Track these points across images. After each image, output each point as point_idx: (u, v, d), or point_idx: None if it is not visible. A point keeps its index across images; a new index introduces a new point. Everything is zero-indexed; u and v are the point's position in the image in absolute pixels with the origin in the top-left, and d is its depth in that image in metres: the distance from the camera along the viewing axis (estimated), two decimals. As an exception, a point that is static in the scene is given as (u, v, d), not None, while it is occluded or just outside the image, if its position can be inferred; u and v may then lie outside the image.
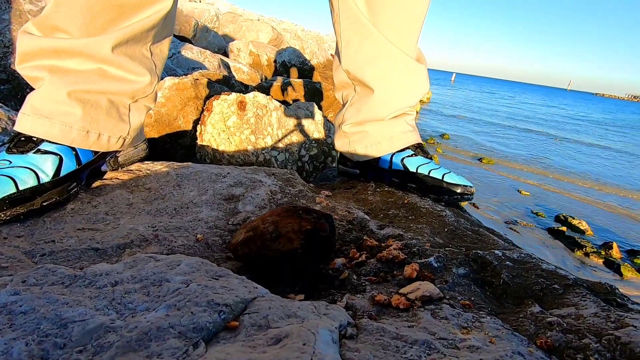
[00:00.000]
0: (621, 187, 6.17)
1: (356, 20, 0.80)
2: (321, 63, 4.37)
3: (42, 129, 0.64)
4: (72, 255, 0.50)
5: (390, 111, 0.87)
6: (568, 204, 5.02)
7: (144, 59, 0.72)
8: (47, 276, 0.38)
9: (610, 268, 3.47)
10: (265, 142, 1.58)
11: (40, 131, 0.64)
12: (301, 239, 0.48)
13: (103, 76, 0.67)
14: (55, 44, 0.63)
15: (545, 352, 0.37)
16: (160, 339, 0.30)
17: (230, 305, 0.35)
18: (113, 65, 0.67)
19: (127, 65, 0.69)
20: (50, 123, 0.64)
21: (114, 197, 0.68)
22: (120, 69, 0.68)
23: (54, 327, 0.30)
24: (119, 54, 0.67)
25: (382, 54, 0.82)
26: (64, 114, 0.65)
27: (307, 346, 0.30)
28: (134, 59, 0.70)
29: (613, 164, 8.03)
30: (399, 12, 0.79)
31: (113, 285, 0.37)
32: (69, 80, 0.65)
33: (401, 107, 0.87)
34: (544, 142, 9.55)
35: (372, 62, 0.84)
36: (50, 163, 0.63)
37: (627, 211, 5.05)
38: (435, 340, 0.36)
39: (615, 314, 0.42)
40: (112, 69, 0.68)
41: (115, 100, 0.71)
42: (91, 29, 0.64)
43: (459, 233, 0.67)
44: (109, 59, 0.66)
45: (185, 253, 0.54)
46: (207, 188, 0.75)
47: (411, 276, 0.50)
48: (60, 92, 0.64)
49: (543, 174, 6.41)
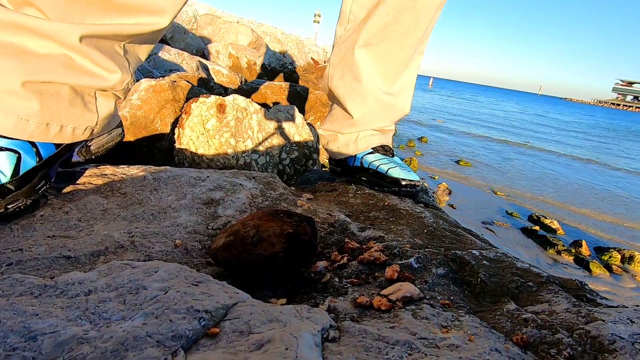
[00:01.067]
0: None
1: (343, 47, 0.84)
2: (301, 66, 4.38)
3: (4, 124, 0.56)
4: (42, 264, 0.48)
5: (364, 129, 0.97)
6: (541, 204, 5.22)
7: (116, 55, 0.65)
8: (15, 286, 0.36)
9: (580, 265, 3.63)
10: (246, 145, 1.57)
11: (5, 129, 0.57)
12: (283, 242, 0.47)
13: (68, 66, 0.60)
14: (23, 20, 0.55)
15: (521, 348, 0.38)
16: (137, 349, 0.29)
17: (210, 311, 0.34)
18: (80, 55, 0.60)
19: (96, 58, 0.61)
20: (4, 116, 0.57)
21: (87, 202, 0.65)
22: (88, 60, 0.61)
23: (22, 340, 0.29)
24: (88, 45, 0.60)
25: (364, 93, 0.91)
26: (18, 107, 0.57)
27: (290, 350, 0.29)
28: (105, 54, 0.63)
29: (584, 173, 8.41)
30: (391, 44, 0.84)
31: (86, 295, 0.36)
32: (26, 67, 0.57)
33: (376, 127, 0.98)
34: (515, 147, 9.91)
35: (352, 95, 0.93)
36: (7, 161, 0.56)
37: (595, 212, 5.30)
38: (416, 340, 0.36)
39: (585, 309, 0.44)
40: (80, 59, 0.60)
41: (78, 89, 0.63)
42: (67, 15, 0.57)
43: (438, 234, 0.69)
44: (77, 47, 0.59)
45: (164, 259, 0.53)
46: (185, 192, 0.73)
47: (392, 277, 0.50)
48: (14, 81, 0.56)
49: (517, 174, 6.64)
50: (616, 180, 7.48)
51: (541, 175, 6.91)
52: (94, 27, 0.59)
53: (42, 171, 0.61)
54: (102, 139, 0.74)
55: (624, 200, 6.14)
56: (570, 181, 6.84)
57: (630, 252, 3.81)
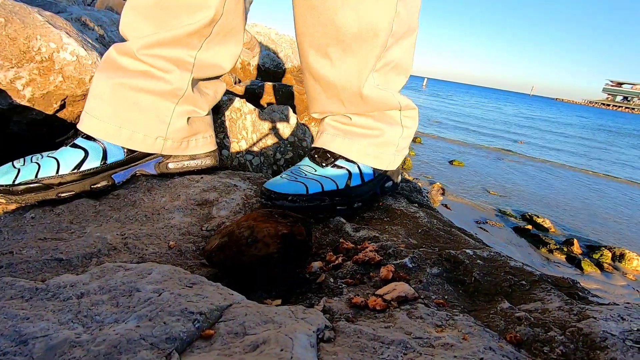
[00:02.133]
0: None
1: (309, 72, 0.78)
2: (295, 67, 4.38)
3: (83, 122, 0.69)
4: (33, 267, 0.47)
5: None
6: (533, 202, 5.28)
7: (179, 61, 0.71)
8: (5, 290, 0.35)
9: (572, 263, 3.67)
10: (240, 145, 1.56)
11: (82, 125, 0.69)
12: (278, 243, 0.47)
13: (144, 75, 0.69)
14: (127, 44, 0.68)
15: (514, 347, 0.38)
16: (130, 352, 0.28)
17: (205, 313, 0.34)
18: (148, 65, 0.69)
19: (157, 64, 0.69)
20: (88, 117, 0.69)
21: (79, 204, 0.65)
22: (155, 69, 0.69)
23: (12, 345, 0.28)
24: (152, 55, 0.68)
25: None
26: (97, 108, 0.68)
27: (285, 351, 0.29)
28: (167, 60, 0.70)
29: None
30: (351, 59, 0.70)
31: (79, 297, 0.35)
32: (115, 75, 0.68)
33: None
34: (508, 143, 10.00)
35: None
36: (74, 156, 0.67)
37: (587, 211, 5.36)
38: (411, 340, 0.36)
39: (577, 306, 0.44)
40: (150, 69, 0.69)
41: (156, 101, 0.71)
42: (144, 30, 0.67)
43: (432, 234, 0.69)
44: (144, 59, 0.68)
45: (157, 261, 0.52)
46: (179, 193, 0.73)
47: (387, 277, 0.50)
48: (105, 87, 0.69)
49: (509, 173, 6.70)
50: (608, 183, 7.58)
51: (533, 175, 6.98)
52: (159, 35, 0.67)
53: (105, 173, 0.70)
54: (184, 160, 0.79)
55: (617, 199, 6.23)
56: (564, 180, 6.92)
57: (621, 250, 3.86)
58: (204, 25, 0.68)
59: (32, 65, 0.79)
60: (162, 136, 0.73)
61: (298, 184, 0.71)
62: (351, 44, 0.67)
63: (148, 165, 0.76)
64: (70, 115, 0.90)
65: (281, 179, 0.72)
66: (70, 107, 0.89)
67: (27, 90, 0.80)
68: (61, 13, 1.18)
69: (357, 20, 0.65)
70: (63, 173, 0.65)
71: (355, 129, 0.77)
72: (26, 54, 0.78)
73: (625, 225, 4.94)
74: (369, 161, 0.78)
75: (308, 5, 0.67)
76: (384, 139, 0.78)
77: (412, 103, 0.79)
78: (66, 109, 0.89)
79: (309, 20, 0.68)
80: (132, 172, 0.74)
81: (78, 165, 0.66)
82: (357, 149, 0.77)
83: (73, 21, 1.18)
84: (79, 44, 0.85)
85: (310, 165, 0.78)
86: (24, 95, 0.80)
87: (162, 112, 0.72)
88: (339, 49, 0.69)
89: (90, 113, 0.68)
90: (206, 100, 0.80)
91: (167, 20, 0.67)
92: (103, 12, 1.43)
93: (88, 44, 0.91)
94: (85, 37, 0.94)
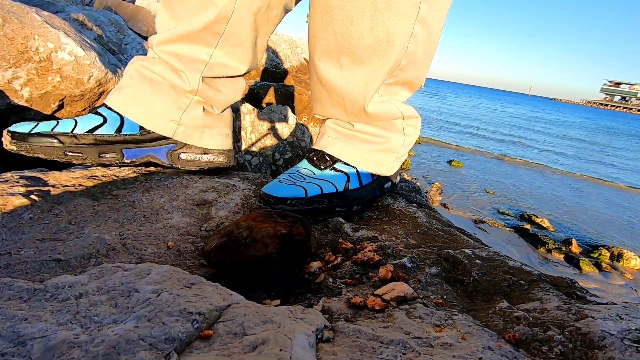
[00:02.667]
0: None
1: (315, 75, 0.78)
2: (294, 67, 4.38)
3: (109, 95, 0.74)
4: (31, 267, 0.47)
5: None
6: (531, 202, 5.29)
7: (192, 59, 0.73)
8: (3, 291, 0.35)
9: (570, 263, 3.68)
10: (238, 146, 1.56)
11: (108, 97, 0.74)
12: (277, 243, 0.47)
13: (163, 64, 0.73)
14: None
15: (513, 346, 0.38)
16: (129, 352, 0.28)
17: (203, 313, 0.34)
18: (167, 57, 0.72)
19: (171, 61, 0.72)
20: (115, 91, 0.73)
21: (77, 204, 0.65)
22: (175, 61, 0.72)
23: (11, 346, 0.28)
24: (167, 52, 0.72)
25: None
26: (123, 85, 0.73)
27: (284, 352, 0.29)
28: (181, 60, 0.72)
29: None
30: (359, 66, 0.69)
31: (77, 298, 0.35)
32: (143, 59, 0.73)
33: None
34: (508, 144, 10.02)
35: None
36: (91, 120, 0.70)
37: (585, 211, 5.38)
38: (410, 340, 0.37)
39: (575, 306, 0.45)
40: (171, 59, 0.72)
41: (172, 89, 0.74)
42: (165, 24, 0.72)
43: (431, 233, 0.69)
44: (161, 55, 0.72)
45: (156, 261, 0.52)
46: (178, 193, 0.72)
47: (386, 277, 0.50)
48: (131, 68, 0.73)
49: (508, 174, 6.72)
50: (605, 185, 7.60)
51: (532, 176, 7.00)
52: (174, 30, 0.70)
53: (117, 145, 0.72)
54: (197, 152, 0.78)
55: (614, 199, 6.25)
56: (563, 182, 6.94)
57: (619, 250, 3.88)
58: (213, 21, 0.69)
59: (30, 65, 0.79)
60: (176, 120, 0.75)
61: (297, 188, 0.70)
62: (362, 56, 0.66)
63: (160, 151, 0.76)
64: (68, 115, 0.90)
65: (279, 183, 0.71)
66: (69, 107, 0.89)
67: (25, 90, 0.80)
68: (59, 13, 1.18)
69: (371, 33, 0.64)
70: (77, 133, 0.68)
71: (357, 134, 0.76)
72: (24, 54, 0.78)
73: (624, 225, 4.96)
74: (368, 167, 0.77)
75: (325, 9, 0.66)
76: (385, 146, 0.77)
77: (415, 112, 0.78)
78: (64, 109, 0.89)
79: (323, 23, 0.67)
80: (143, 153, 0.75)
81: (93, 129, 0.69)
82: (357, 154, 0.77)
83: (71, 21, 1.18)
84: (77, 44, 0.85)
85: (308, 168, 0.77)
86: (22, 95, 0.80)
87: (180, 99, 0.75)
88: (349, 59, 0.68)
89: (117, 89, 0.73)
90: (222, 99, 0.80)
91: (184, 15, 0.69)
92: (101, 12, 1.43)
93: (86, 44, 0.91)
94: (84, 37, 0.94)
